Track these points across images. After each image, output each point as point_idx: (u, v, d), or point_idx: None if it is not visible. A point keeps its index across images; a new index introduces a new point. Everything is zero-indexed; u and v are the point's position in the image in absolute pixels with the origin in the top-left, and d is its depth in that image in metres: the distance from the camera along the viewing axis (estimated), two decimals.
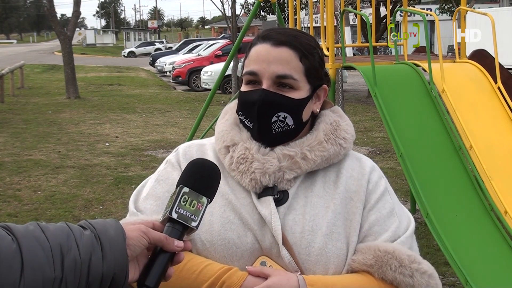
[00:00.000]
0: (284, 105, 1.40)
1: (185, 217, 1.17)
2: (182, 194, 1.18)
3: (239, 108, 1.46)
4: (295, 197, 1.41)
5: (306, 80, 1.43)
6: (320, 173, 1.45)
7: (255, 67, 1.41)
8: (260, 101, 1.39)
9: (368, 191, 1.44)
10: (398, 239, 1.40)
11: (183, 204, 1.17)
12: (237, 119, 1.48)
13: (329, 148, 1.44)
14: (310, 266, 1.36)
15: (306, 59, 1.42)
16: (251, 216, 1.39)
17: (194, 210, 1.18)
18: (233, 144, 1.44)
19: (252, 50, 1.44)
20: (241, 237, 1.38)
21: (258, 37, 1.46)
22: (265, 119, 1.40)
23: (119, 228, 1.10)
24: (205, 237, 1.39)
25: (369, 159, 1.54)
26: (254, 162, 1.40)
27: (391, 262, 1.35)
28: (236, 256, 1.37)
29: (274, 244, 1.37)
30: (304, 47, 1.42)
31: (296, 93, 1.41)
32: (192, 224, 1.17)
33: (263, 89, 1.39)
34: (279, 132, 1.41)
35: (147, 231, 1.13)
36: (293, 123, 1.41)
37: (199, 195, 1.19)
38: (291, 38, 1.42)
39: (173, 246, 1.14)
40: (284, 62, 1.39)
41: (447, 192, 4.52)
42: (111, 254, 1.06)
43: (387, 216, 1.43)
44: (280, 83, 1.40)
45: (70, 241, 1.04)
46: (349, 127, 1.51)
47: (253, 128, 1.43)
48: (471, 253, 4.13)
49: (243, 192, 1.42)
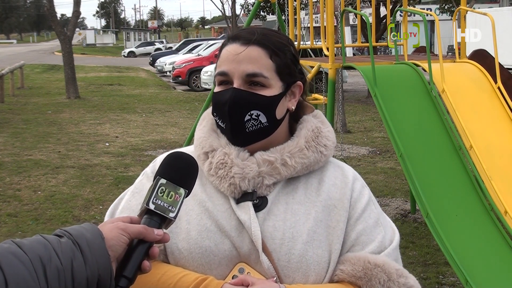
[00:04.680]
0: (255, 103, 1.39)
1: (162, 208, 1.16)
2: (159, 186, 1.18)
3: (213, 109, 1.46)
4: (275, 202, 1.40)
5: (277, 77, 1.42)
6: (302, 179, 1.45)
7: (225, 67, 1.41)
8: (231, 100, 1.39)
9: (353, 199, 1.44)
10: (384, 251, 1.41)
11: (160, 195, 1.17)
12: (213, 125, 1.48)
13: (309, 156, 1.43)
14: (289, 273, 1.35)
15: (277, 57, 1.41)
16: (228, 222, 1.38)
17: (172, 201, 1.17)
18: (212, 150, 1.44)
19: (222, 51, 1.44)
20: (218, 244, 1.37)
21: (228, 37, 1.46)
22: (237, 118, 1.39)
23: (95, 230, 1.10)
24: (183, 245, 1.39)
25: (350, 167, 1.53)
26: (234, 167, 1.39)
27: (380, 276, 1.36)
28: (214, 263, 1.37)
29: (252, 250, 1.36)
30: (274, 45, 1.42)
31: (267, 91, 1.40)
32: (170, 215, 1.16)
33: (234, 88, 1.39)
34: (253, 131, 1.40)
35: (125, 227, 1.13)
36: (267, 121, 1.40)
37: (176, 186, 1.19)
38: (260, 36, 1.42)
39: (154, 235, 1.14)
40: (253, 60, 1.39)
41: (447, 192, 4.51)
42: (92, 257, 1.06)
43: (373, 226, 1.43)
44: (251, 82, 1.39)
45: (48, 251, 1.03)
46: (330, 133, 1.50)
47: (226, 128, 1.42)
48: (471, 253, 4.13)
49: (221, 199, 1.41)
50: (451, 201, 4.45)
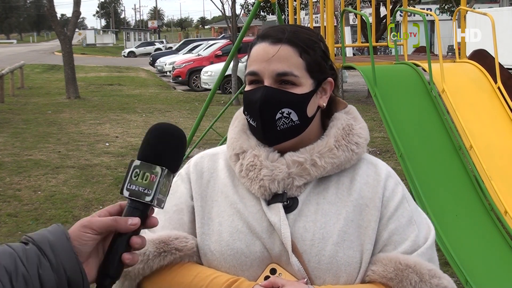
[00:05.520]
0: (286, 101, 1.38)
1: (137, 193, 1.07)
2: (133, 169, 1.08)
3: (244, 108, 1.45)
4: (306, 203, 1.39)
5: (308, 75, 1.40)
6: (333, 178, 1.42)
7: (256, 67, 1.40)
8: (262, 99, 1.38)
9: (385, 198, 1.41)
10: (418, 250, 1.38)
11: (135, 179, 1.07)
12: (245, 126, 1.47)
13: (339, 155, 1.41)
14: (320, 274, 1.34)
15: (307, 54, 1.40)
16: (259, 224, 1.37)
17: (147, 183, 1.07)
18: (242, 151, 1.43)
19: (252, 50, 1.44)
20: (250, 246, 1.36)
21: (258, 36, 1.45)
22: (268, 116, 1.39)
23: (59, 232, 1.06)
24: (215, 247, 1.39)
25: (385, 164, 1.49)
26: (263, 169, 1.39)
27: (411, 277, 1.33)
28: (246, 265, 1.36)
29: (283, 251, 1.35)
30: (303, 43, 1.40)
31: (298, 89, 1.39)
32: (146, 199, 1.07)
33: (265, 86, 1.39)
34: (284, 129, 1.39)
35: (89, 223, 1.07)
36: (298, 119, 1.39)
37: (151, 166, 1.07)
38: (290, 34, 1.40)
39: (126, 226, 1.07)
40: (283, 59, 1.38)
41: (447, 192, 4.52)
42: (57, 260, 1.03)
43: (406, 225, 1.40)
44: (282, 81, 1.38)
45: (13, 259, 1.01)
46: (362, 130, 1.48)
47: (257, 127, 1.41)
48: (471, 253, 4.13)
49: (253, 200, 1.41)
50: (451, 201, 4.45)
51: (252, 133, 1.45)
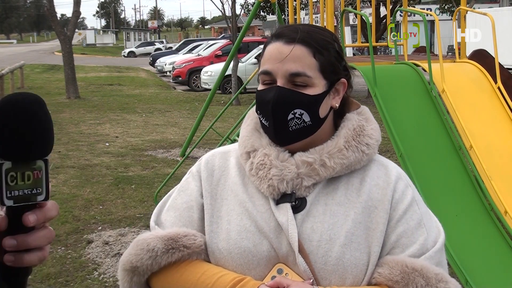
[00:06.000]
0: (299, 101, 1.38)
1: (25, 197, 0.86)
2: (6, 173, 0.85)
3: (257, 107, 1.45)
4: (315, 204, 1.39)
5: (321, 76, 1.40)
6: (343, 179, 1.42)
7: (269, 66, 1.40)
8: (275, 99, 1.38)
9: (395, 200, 1.40)
10: (426, 253, 1.37)
11: (13, 185, 0.85)
12: (257, 124, 1.47)
13: (349, 156, 1.40)
14: (326, 275, 1.35)
15: (321, 55, 1.39)
16: (267, 223, 1.38)
17: (32, 182, 0.86)
18: (253, 150, 1.44)
19: (266, 49, 1.43)
20: (257, 245, 1.37)
21: (272, 35, 1.45)
22: (280, 117, 1.38)
23: None
24: (223, 245, 1.40)
25: (396, 166, 1.48)
26: (272, 169, 1.39)
27: (417, 281, 1.32)
28: (253, 264, 1.37)
29: (290, 251, 1.35)
30: (318, 43, 1.40)
31: (311, 90, 1.38)
32: (39, 199, 0.87)
33: (278, 86, 1.38)
34: (296, 130, 1.39)
35: None
36: (310, 120, 1.39)
37: (29, 163, 0.86)
38: (304, 34, 1.40)
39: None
40: (297, 59, 1.37)
41: (447, 192, 4.51)
42: None
43: (415, 228, 1.39)
44: (295, 81, 1.38)
45: None
46: (374, 131, 1.48)
47: (269, 126, 1.41)
48: (471, 253, 4.13)
49: (262, 199, 1.41)
50: (451, 201, 4.45)
51: (264, 131, 1.45)
